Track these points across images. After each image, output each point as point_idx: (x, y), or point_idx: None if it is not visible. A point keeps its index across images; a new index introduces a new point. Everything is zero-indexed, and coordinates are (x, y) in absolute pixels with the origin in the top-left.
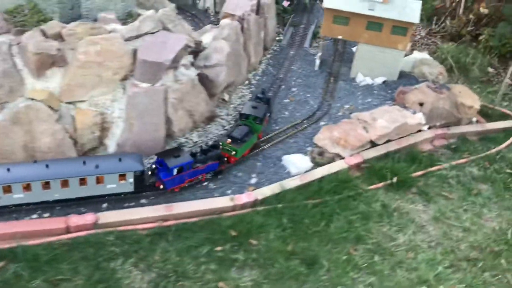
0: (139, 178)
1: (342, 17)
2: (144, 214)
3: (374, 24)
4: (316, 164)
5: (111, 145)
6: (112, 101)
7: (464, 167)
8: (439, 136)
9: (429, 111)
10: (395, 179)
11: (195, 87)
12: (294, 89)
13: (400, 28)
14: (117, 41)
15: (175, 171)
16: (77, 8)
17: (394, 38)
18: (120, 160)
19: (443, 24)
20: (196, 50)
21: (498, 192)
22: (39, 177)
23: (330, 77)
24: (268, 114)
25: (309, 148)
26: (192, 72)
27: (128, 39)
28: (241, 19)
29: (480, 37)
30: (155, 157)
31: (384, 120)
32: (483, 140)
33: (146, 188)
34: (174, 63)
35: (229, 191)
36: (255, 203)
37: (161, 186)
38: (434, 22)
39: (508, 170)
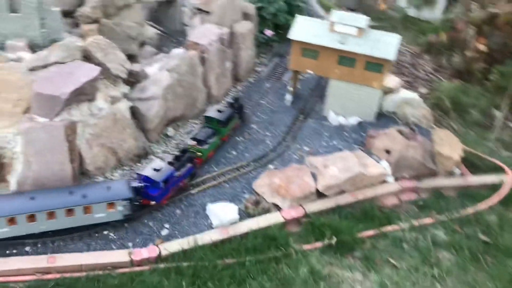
0: (129, 205)
1: (311, 50)
2: (22, 265)
3: (346, 59)
4: (248, 215)
5: (13, 182)
6: (15, 135)
7: (427, 229)
8: (407, 189)
9: (396, 160)
10: (334, 240)
11: (118, 121)
12: (254, 126)
13: (375, 64)
14: (16, 71)
15: (162, 184)
16: None
17: (368, 75)
18: (108, 188)
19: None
20: (133, 81)
21: (462, 263)
22: (24, 210)
23: (300, 114)
24: (238, 119)
25: (246, 196)
26: (122, 104)
27: (33, 69)
28: (201, 50)
29: (490, 76)
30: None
31: (337, 168)
32: (462, 196)
33: (135, 212)
34: (78, 96)
35: (130, 244)
36: (156, 260)
37: (152, 203)
38: (443, 56)
39: (483, 237)
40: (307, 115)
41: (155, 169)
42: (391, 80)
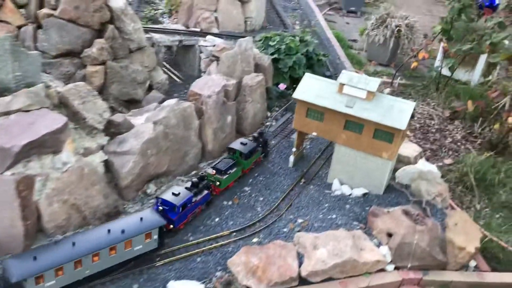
0: (161, 232)
1: (316, 111)
2: None
3: (353, 124)
4: None
5: None
6: None
7: None
8: (410, 282)
9: (397, 246)
10: None
11: (85, 176)
12: (247, 189)
13: (385, 133)
14: None
15: (180, 209)
16: None
17: (377, 143)
18: (141, 219)
19: (486, 129)
20: (115, 132)
21: None
22: (71, 257)
23: (301, 179)
24: (261, 154)
25: (218, 273)
26: (96, 157)
27: None
28: (199, 101)
29: None
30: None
31: (326, 250)
32: None
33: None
34: (37, 149)
35: None
36: None
37: (171, 226)
38: (479, 124)
39: None
40: (309, 180)
41: (173, 194)
42: (409, 149)
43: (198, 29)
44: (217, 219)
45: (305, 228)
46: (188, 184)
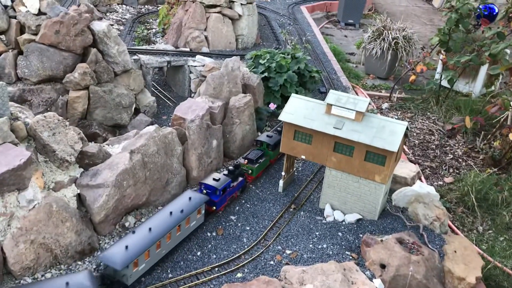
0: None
1: (304, 133)
2: None
3: (343, 146)
4: None
5: None
6: None
7: None
8: None
9: (391, 279)
10: None
11: (55, 214)
12: (232, 217)
13: (376, 155)
14: None
15: (221, 192)
16: None
17: (369, 167)
18: (190, 199)
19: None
20: (89, 163)
21: None
22: (153, 241)
23: (291, 205)
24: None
25: None
26: (68, 192)
27: None
28: (184, 126)
29: None
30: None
31: (314, 286)
32: None
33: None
34: None
35: None
36: None
37: (213, 208)
38: (481, 138)
39: None
40: (300, 206)
41: (214, 179)
42: (406, 168)
43: (187, 49)
44: (199, 253)
45: (294, 259)
46: (225, 172)
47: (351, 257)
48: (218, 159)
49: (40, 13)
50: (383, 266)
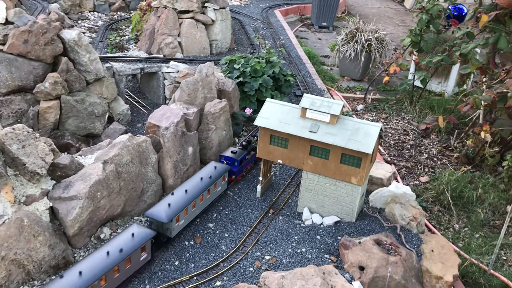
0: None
1: (280, 137)
2: None
3: (319, 149)
4: None
5: None
6: None
7: None
8: None
9: (370, 281)
10: None
11: (26, 228)
12: (210, 225)
13: (352, 157)
14: None
15: (239, 163)
16: None
17: (345, 169)
18: (215, 168)
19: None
20: (61, 175)
21: None
22: (190, 200)
23: (269, 210)
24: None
25: None
26: (40, 205)
27: None
28: (155, 135)
29: (504, 164)
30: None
31: None
32: None
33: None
34: None
35: None
36: None
37: (233, 177)
38: (454, 137)
39: None
40: (278, 211)
41: (232, 152)
42: (381, 169)
43: (161, 55)
44: (177, 263)
45: (273, 265)
46: (240, 146)
47: (330, 260)
48: (195, 166)
49: (7, 22)
50: (361, 268)
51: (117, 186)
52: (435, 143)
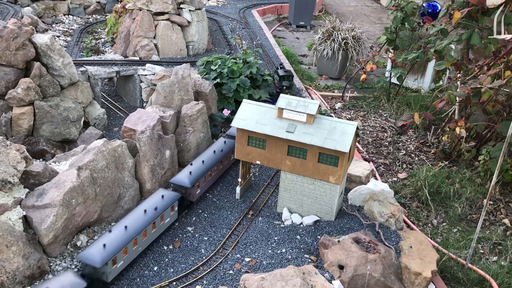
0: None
1: (257, 138)
2: None
3: (296, 149)
4: None
5: None
6: None
7: None
8: None
9: (350, 280)
10: None
11: None
12: (189, 229)
13: (329, 156)
14: None
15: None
16: None
17: (323, 168)
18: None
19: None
20: (35, 183)
21: None
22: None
23: (249, 211)
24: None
25: None
26: (12, 215)
27: None
28: (131, 139)
29: (480, 158)
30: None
31: None
32: None
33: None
34: None
35: None
36: None
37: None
38: (431, 132)
39: None
40: (258, 212)
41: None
42: (360, 167)
43: (137, 58)
44: (155, 268)
45: (253, 267)
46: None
47: (310, 260)
48: (173, 169)
49: None
50: (341, 267)
51: (93, 192)
52: (412, 140)
